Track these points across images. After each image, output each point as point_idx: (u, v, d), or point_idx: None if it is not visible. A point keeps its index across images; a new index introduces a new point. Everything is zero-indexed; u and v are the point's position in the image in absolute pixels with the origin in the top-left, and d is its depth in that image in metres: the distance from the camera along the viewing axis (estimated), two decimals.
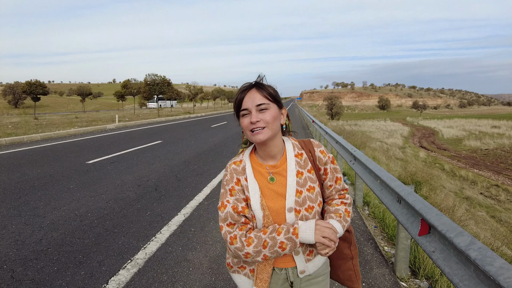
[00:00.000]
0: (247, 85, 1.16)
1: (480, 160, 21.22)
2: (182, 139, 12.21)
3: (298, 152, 1.21)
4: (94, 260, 3.03)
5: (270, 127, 1.11)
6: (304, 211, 1.15)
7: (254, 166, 1.21)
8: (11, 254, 3.14)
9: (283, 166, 1.19)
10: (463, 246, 1.70)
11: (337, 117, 53.84)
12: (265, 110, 1.11)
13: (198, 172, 6.65)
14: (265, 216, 1.15)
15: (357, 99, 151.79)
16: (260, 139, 1.10)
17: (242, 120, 1.13)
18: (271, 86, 1.18)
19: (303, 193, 1.16)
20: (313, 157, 1.22)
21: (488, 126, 41.46)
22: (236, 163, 1.22)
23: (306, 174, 1.19)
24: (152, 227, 3.84)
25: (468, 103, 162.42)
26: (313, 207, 1.16)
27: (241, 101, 1.12)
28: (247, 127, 1.11)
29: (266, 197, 1.16)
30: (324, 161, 1.23)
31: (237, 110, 1.14)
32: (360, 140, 14.08)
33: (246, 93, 1.12)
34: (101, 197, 4.91)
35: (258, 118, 1.10)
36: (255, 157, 1.23)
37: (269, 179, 1.18)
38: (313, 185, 1.18)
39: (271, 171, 1.19)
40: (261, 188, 1.17)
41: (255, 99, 1.11)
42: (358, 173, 4.42)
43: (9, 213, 4.25)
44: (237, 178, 1.19)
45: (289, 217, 1.14)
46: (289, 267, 1.21)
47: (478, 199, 11.30)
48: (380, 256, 3.22)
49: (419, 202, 2.37)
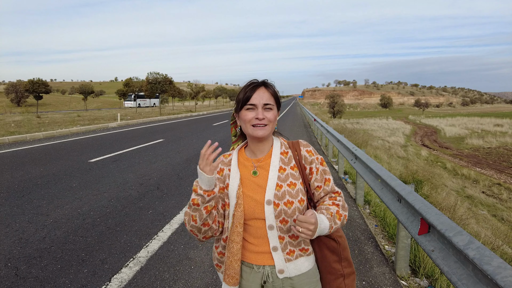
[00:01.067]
0: (256, 82, 1.21)
1: (482, 159, 21.16)
2: (184, 137, 12.25)
3: (284, 150, 1.25)
4: (97, 258, 3.06)
5: (271, 125, 1.19)
6: (283, 205, 1.16)
7: (241, 160, 1.27)
8: (15, 252, 3.18)
9: (267, 161, 1.23)
10: (461, 245, 1.72)
11: (339, 115, 53.77)
12: (269, 109, 1.18)
13: None
14: (237, 205, 1.18)
15: (359, 97, 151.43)
16: (261, 135, 1.17)
17: (245, 113, 1.18)
18: (275, 88, 1.24)
19: (283, 188, 1.17)
20: (298, 156, 1.25)
21: (490, 124, 41.29)
22: (225, 156, 1.31)
23: (288, 170, 1.21)
24: (154, 225, 3.87)
25: (470, 101, 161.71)
26: (293, 202, 1.16)
27: (250, 96, 1.17)
28: (249, 121, 1.17)
29: (247, 188, 1.20)
30: (309, 160, 1.24)
31: (243, 104, 1.18)
32: (361, 139, 14.07)
33: (256, 90, 1.18)
34: (103, 196, 4.95)
35: (263, 115, 1.16)
36: (244, 152, 1.29)
37: (252, 173, 1.22)
38: (294, 182, 1.20)
39: (255, 164, 1.23)
40: (243, 179, 1.22)
41: (263, 98, 1.17)
42: (359, 172, 4.44)
43: (13, 211, 4.30)
44: (221, 168, 1.27)
45: (267, 209, 1.16)
46: (267, 265, 1.19)
47: (479, 198, 11.28)
48: (381, 254, 3.23)
49: (419, 201, 2.38)
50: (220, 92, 65.46)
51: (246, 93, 1.18)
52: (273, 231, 1.17)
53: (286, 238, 1.19)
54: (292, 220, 1.16)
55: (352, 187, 5.76)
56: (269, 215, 1.16)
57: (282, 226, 1.17)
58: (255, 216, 1.18)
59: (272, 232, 1.17)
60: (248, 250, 1.21)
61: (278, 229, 1.17)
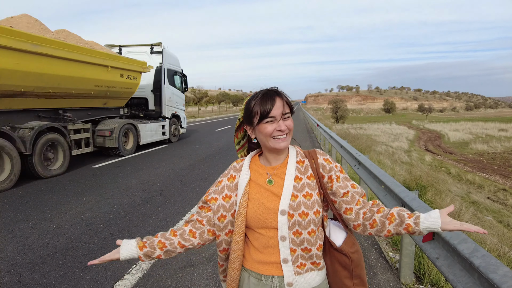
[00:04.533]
0: (269, 93, 1.15)
1: (487, 164, 20.99)
2: (187, 143, 12.27)
3: (300, 159, 1.21)
4: (100, 265, 3.05)
5: (291, 133, 1.17)
6: (297, 216, 1.11)
7: (254, 167, 1.23)
8: (18, 258, 3.19)
9: (282, 169, 1.19)
10: (466, 253, 1.70)
11: (342, 120, 53.72)
12: (287, 118, 1.15)
13: (203, 176, 6.68)
14: (238, 213, 1.15)
15: (362, 102, 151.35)
16: (283, 146, 1.14)
17: (265, 126, 1.12)
18: (286, 94, 1.21)
19: (299, 198, 1.13)
20: (315, 164, 1.20)
21: (495, 129, 41.02)
22: (238, 162, 1.28)
23: (305, 180, 1.17)
24: (157, 231, 3.83)
25: (474, 106, 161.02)
26: (308, 213, 1.12)
27: (270, 110, 1.11)
28: (270, 134, 1.12)
29: (261, 195, 1.16)
30: (328, 168, 1.19)
31: (262, 117, 1.12)
32: (365, 144, 14.03)
33: (275, 102, 1.12)
34: (106, 202, 4.96)
35: (284, 126, 1.13)
36: (258, 159, 1.25)
37: (267, 181, 1.18)
38: (310, 192, 1.15)
39: (270, 172, 1.19)
40: (255, 186, 1.18)
41: (280, 108, 1.13)
42: (362, 178, 4.42)
43: (17, 217, 4.31)
44: (232, 174, 1.24)
45: (281, 219, 1.11)
46: (276, 275, 1.15)
47: (485, 204, 11.17)
48: (385, 261, 3.20)
49: (423, 208, 2.36)
50: (223, 98, 65.78)
51: (264, 106, 1.12)
52: (285, 243, 1.12)
53: (298, 250, 1.13)
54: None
55: None
56: (282, 225, 1.11)
57: (295, 238, 1.12)
58: (267, 225, 1.14)
59: (284, 244, 1.12)
60: (256, 261, 1.17)
61: (290, 241, 1.12)
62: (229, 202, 1.19)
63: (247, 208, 1.15)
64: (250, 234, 1.19)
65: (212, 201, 1.21)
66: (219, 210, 1.19)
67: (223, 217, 1.18)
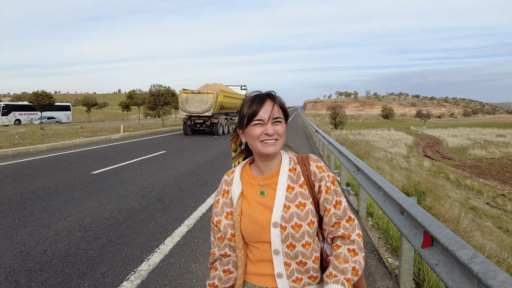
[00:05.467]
0: (261, 94, 1.12)
1: (485, 169, 21.02)
2: (186, 149, 12.28)
3: (292, 166, 1.15)
4: (98, 272, 3.04)
5: (281, 140, 1.11)
6: (290, 229, 1.06)
7: (245, 177, 1.19)
8: (16, 265, 3.17)
9: (274, 179, 1.14)
10: (466, 259, 1.70)
11: (341, 126, 53.80)
12: (278, 123, 1.10)
13: (201, 182, 6.67)
14: (236, 229, 1.13)
15: (361, 108, 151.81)
16: (272, 151, 1.09)
17: (252, 129, 1.09)
18: (282, 99, 1.17)
19: (291, 209, 1.08)
20: (307, 171, 1.14)
21: (493, 134, 41.16)
22: (228, 174, 1.23)
23: (297, 189, 1.12)
24: (156, 238, 3.85)
25: (472, 112, 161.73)
26: (301, 225, 1.07)
27: (258, 111, 1.08)
28: (258, 137, 1.09)
29: (252, 209, 1.12)
30: (319, 177, 1.13)
31: (249, 119, 1.10)
32: (364, 150, 14.05)
33: (263, 104, 1.09)
34: (105, 208, 4.94)
35: (273, 130, 1.08)
36: (249, 169, 1.21)
37: (259, 193, 1.14)
38: (304, 201, 1.10)
39: (262, 183, 1.15)
40: (248, 198, 1.14)
41: (271, 111, 1.09)
42: (361, 184, 4.42)
43: (15, 223, 4.29)
44: (225, 189, 1.19)
45: (273, 232, 1.07)
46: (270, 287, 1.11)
47: (484, 209, 11.17)
48: (384, 268, 3.20)
49: (422, 214, 2.36)
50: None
51: (252, 108, 1.09)
52: (279, 257, 1.08)
53: (293, 264, 1.08)
54: None
55: (355, 199, 5.73)
56: (275, 238, 1.07)
57: (289, 251, 1.08)
58: (260, 239, 1.10)
59: (278, 258, 1.08)
60: (251, 273, 1.15)
61: (284, 255, 1.08)
62: (232, 219, 1.15)
63: (242, 223, 1.12)
64: (247, 249, 1.17)
65: (219, 224, 1.17)
66: (227, 230, 1.15)
67: (233, 236, 1.15)
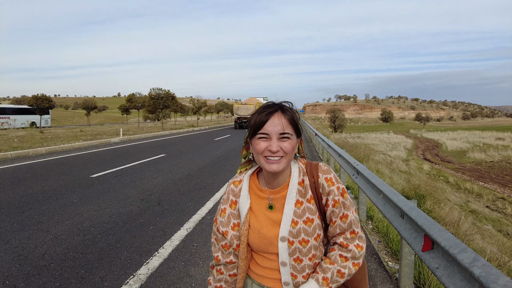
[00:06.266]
0: (272, 105, 1.07)
1: (485, 173, 21.03)
2: (185, 152, 12.27)
3: (302, 179, 1.12)
4: (97, 276, 3.02)
5: (288, 157, 1.05)
6: (297, 244, 1.07)
7: (254, 189, 1.16)
8: (14, 270, 3.15)
9: (283, 193, 1.12)
10: (466, 263, 1.69)
11: (340, 129, 53.88)
12: (286, 139, 1.03)
13: (201, 185, 6.66)
14: (241, 242, 1.13)
15: (360, 112, 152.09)
16: (275, 169, 1.04)
17: (257, 142, 1.04)
18: (296, 112, 1.10)
19: (299, 224, 1.07)
20: (315, 183, 1.11)
21: (492, 138, 41.24)
22: (235, 183, 1.19)
23: (305, 204, 1.10)
24: (155, 242, 3.83)
25: (471, 115, 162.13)
26: (308, 241, 1.07)
27: (264, 123, 1.02)
28: (262, 152, 1.04)
29: (261, 224, 1.11)
30: (327, 191, 1.09)
31: (254, 131, 1.05)
32: (363, 153, 14.05)
33: (270, 117, 1.03)
34: (104, 211, 4.92)
35: (278, 147, 1.02)
36: (257, 179, 1.17)
37: (268, 207, 1.12)
38: (311, 217, 1.09)
39: (271, 196, 1.13)
40: (256, 213, 1.13)
41: (279, 126, 1.03)
42: (361, 187, 4.41)
43: (13, 227, 4.27)
44: (232, 199, 1.17)
45: (281, 246, 1.07)
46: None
47: (484, 213, 11.15)
48: (384, 271, 3.18)
49: (422, 217, 2.36)
50: (222, 107, 65.96)
51: (258, 119, 1.03)
52: (286, 268, 1.10)
53: (299, 277, 1.10)
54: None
55: (355, 203, 5.72)
56: (282, 251, 1.08)
57: (296, 265, 1.09)
58: (268, 251, 1.12)
59: (285, 269, 1.10)
60: (259, 275, 1.17)
61: (291, 267, 1.10)
62: (238, 230, 1.15)
63: (249, 236, 1.13)
64: (254, 252, 1.18)
65: (226, 235, 1.16)
66: (233, 242, 1.15)
67: (238, 246, 1.15)
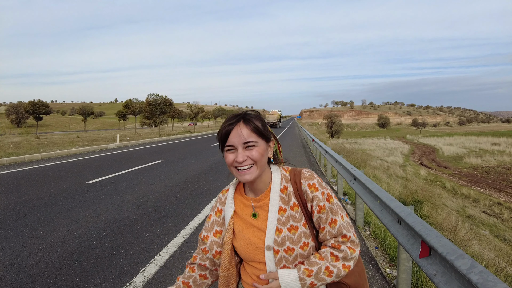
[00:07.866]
0: (234, 117, 1.07)
1: (481, 178, 21.12)
2: (182, 158, 12.23)
3: (284, 185, 1.11)
4: (92, 284, 2.98)
5: (258, 164, 1.05)
6: (283, 252, 1.05)
7: (239, 198, 1.17)
8: (7, 278, 3.10)
9: (265, 200, 1.11)
10: (464, 270, 1.69)
11: (337, 135, 54.02)
12: (252, 147, 1.03)
13: (198, 192, 6.63)
14: (222, 249, 1.12)
15: (357, 118, 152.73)
16: (247, 179, 1.04)
17: (226, 155, 1.05)
18: (260, 118, 1.10)
19: (283, 232, 1.06)
20: (298, 190, 1.09)
21: (488, 143, 41.54)
22: (223, 192, 1.22)
23: (288, 211, 1.08)
24: (151, 249, 3.80)
25: (467, 121, 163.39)
26: (294, 249, 1.05)
27: (227, 135, 1.04)
28: (231, 164, 1.05)
29: (247, 231, 1.11)
30: (311, 197, 1.07)
31: (222, 144, 1.06)
32: (360, 159, 14.08)
33: (233, 126, 1.04)
34: (100, 218, 4.88)
35: (245, 156, 1.02)
36: (242, 188, 1.18)
37: (251, 215, 1.11)
38: (295, 225, 1.06)
39: (254, 204, 1.12)
40: (242, 221, 1.13)
41: (242, 136, 1.03)
42: (358, 193, 4.41)
43: (7, 234, 4.22)
44: (218, 207, 1.19)
45: (267, 255, 1.06)
46: None
47: (481, 218, 11.18)
48: (382, 278, 3.17)
49: (419, 223, 2.36)
50: (219, 113, 66.09)
51: (224, 132, 1.04)
52: None
53: None
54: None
55: (352, 208, 5.71)
56: (269, 261, 1.07)
57: None
58: (255, 260, 1.11)
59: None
60: (250, 284, 1.15)
61: None
62: (220, 237, 1.15)
63: (236, 243, 1.12)
64: (244, 262, 1.18)
65: (205, 239, 1.17)
66: (213, 247, 1.14)
67: (218, 253, 1.14)
